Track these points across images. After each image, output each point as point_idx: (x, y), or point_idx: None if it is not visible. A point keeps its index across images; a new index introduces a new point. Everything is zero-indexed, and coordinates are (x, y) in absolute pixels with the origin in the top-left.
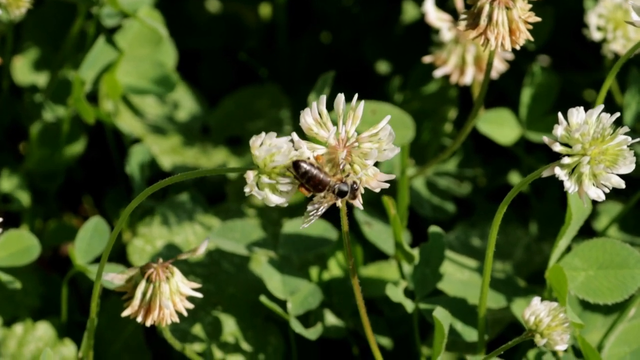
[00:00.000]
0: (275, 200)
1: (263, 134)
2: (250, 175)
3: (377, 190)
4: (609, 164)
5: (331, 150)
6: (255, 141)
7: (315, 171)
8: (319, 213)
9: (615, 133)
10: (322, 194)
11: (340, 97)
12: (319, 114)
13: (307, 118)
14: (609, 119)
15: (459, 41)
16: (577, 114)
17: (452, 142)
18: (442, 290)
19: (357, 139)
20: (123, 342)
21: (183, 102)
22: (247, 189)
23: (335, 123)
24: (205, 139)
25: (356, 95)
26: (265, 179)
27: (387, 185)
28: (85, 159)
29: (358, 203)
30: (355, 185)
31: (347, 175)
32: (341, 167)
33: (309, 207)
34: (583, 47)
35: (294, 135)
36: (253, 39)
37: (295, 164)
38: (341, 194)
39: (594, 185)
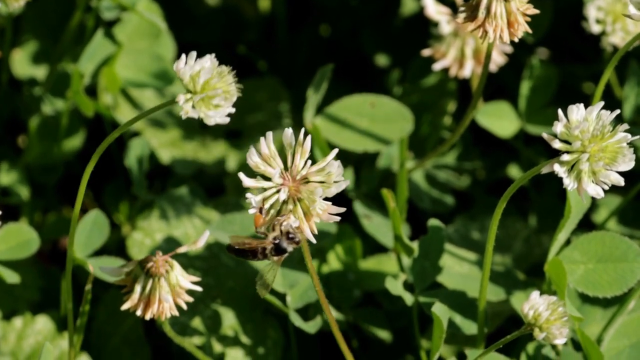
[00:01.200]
0: (213, 115)
1: (183, 55)
2: (181, 97)
3: (330, 221)
4: (608, 162)
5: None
6: (177, 64)
7: (244, 253)
8: (274, 277)
9: (615, 130)
10: (265, 259)
11: (288, 131)
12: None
13: (254, 157)
14: (608, 116)
15: (458, 34)
16: (577, 111)
17: (451, 134)
18: (442, 283)
19: (306, 174)
20: (122, 335)
21: None
22: (182, 113)
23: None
24: (205, 132)
25: (303, 130)
26: (197, 97)
27: (338, 218)
28: (84, 152)
29: (310, 235)
30: (291, 235)
31: (282, 227)
32: (275, 223)
33: (261, 276)
34: (582, 40)
35: (241, 175)
36: (252, 31)
37: (228, 249)
38: (281, 251)
39: (593, 182)
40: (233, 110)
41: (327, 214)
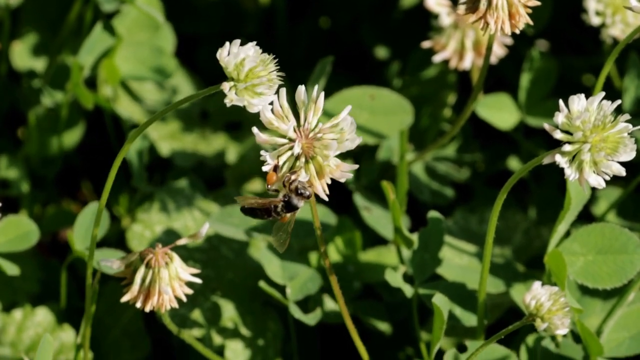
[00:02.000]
0: (256, 103)
1: (227, 43)
2: (226, 85)
3: (342, 180)
4: (610, 152)
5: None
6: (221, 53)
7: (255, 212)
8: (290, 231)
9: (616, 120)
10: (278, 217)
11: (301, 89)
12: (280, 107)
13: (267, 113)
14: (610, 106)
15: (458, 26)
16: (578, 101)
17: (451, 127)
18: (441, 275)
19: (319, 130)
20: (122, 327)
21: (182, 88)
22: (227, 101)
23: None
24: (204, 124)
25: (316, 87)
26: (242, 85)
27: (350, 175)
28: (84, 144)
29: (322, 193)
30: (300, 190)
31: (291, 184)
32: (287, 179)
33: (276, 232)
34: (582, 32)
35: (255, 130)
36: (252, 23)
37: (241, 210)
38: (292, 208)
39: (594, 172)
40: (275, 99)
41: (340, 171)
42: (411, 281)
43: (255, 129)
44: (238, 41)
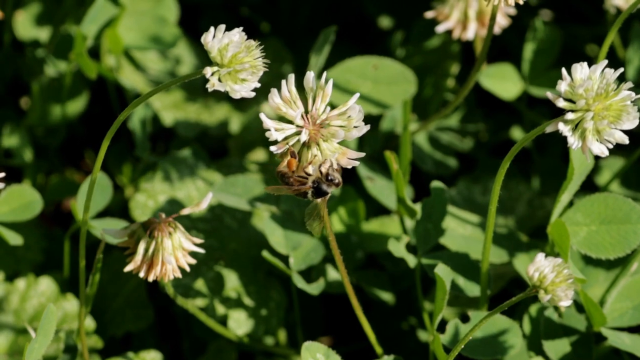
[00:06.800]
0: (239, 89)
1: (212, 28)
2: (208, 70)
3: (349, 167)
4: (613, 120)
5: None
6: (206, 37)
7: (290, 187)
8: (322, 217)
9: (619, 89)
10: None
11: (310, 75)
12: (288, 92)
13: (275, 98)
14: (612, 74)
15: None
16: (580, 70)
17: (455, 97)
18: (445, 245)
19: (327, 117)
20: (125, 297)
21: (185, 57)
22: (209, 86)
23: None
24: (207, 94)
25: (325, 73)
26: (224, 70)
27: (357, 163)
28: (87, 114)
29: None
30: (331, 178)
31: (320, 172)
32: (311, 167)
33: (309, 219)
34: (585, 1)
35: (262, 116)
36: None
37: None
38: (322, 194)
39: (597, 140)
40: (259, 85)
41: (346, 158)
42: (414, 251)
43: (262, 115)
44: (223, 26)
